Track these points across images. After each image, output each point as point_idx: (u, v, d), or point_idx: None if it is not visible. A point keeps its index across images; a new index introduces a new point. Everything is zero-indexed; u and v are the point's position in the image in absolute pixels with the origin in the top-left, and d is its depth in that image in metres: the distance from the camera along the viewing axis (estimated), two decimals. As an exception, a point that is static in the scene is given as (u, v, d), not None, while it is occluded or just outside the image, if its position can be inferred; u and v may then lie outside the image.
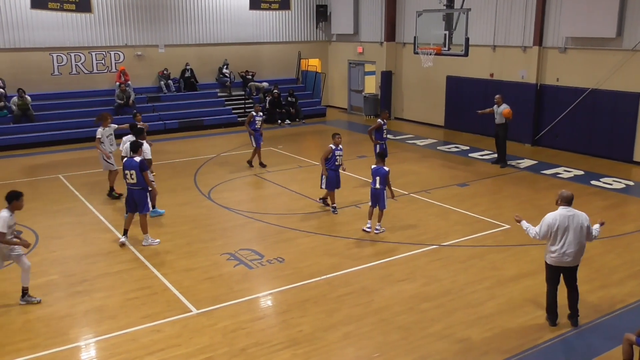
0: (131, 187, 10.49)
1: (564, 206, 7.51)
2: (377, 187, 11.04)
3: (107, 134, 13.44)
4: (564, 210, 7.46)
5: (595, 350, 7.13)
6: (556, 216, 7.40)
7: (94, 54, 21.77)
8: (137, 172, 10.33)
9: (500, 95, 16.16)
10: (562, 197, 7.58)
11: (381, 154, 11.70)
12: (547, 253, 7.58)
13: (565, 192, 7.63)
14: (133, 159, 10.47)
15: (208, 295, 8.63)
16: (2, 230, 7.83)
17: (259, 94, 24.49)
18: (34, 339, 7.46)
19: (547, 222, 7.39)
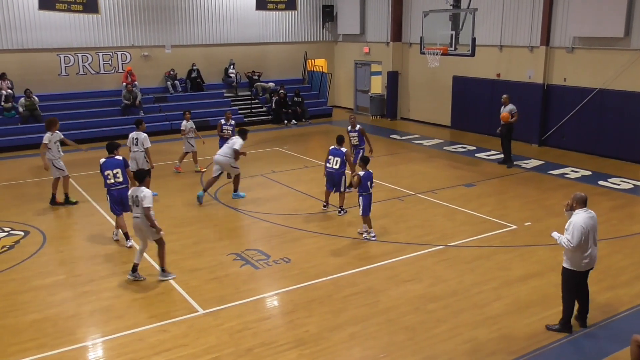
0: (116, 188, 10.43)
1: (582, 208, 7.36)
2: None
3: (55, 140, 12.78)
4: (586, 213, 7.33)
5: (603, 352, 7.10)
6: (585, 220, 7.22)
7: (101, 54, 21.86)
8: (122, 170, 10.45)
9: (507, 96, 16.16)
10: (579, 199, 7.40)
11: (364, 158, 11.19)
12: (575, 260, 7.33)
13: (579, 194, 7.46)
14: (114, 158, 10.54)
15: (214, 295, 8.64)
16: (149, 204, 8.66)
17: (265, 94, 24.52)
18: (42, 338, 7.49)
19: (578, 229, 7.15)
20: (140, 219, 8.89)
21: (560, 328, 7.53)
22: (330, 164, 11.98)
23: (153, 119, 21.75)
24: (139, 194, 8.78)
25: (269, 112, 24.04)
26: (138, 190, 8.84)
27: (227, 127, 15.52)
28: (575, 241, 7.14)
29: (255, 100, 24.32)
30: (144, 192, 8.74)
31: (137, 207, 8.84)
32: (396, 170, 15.98)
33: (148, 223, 8.80)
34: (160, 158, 17.70)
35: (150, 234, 8.95)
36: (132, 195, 8.94)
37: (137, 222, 8.97)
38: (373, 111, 24.99)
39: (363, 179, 10.56)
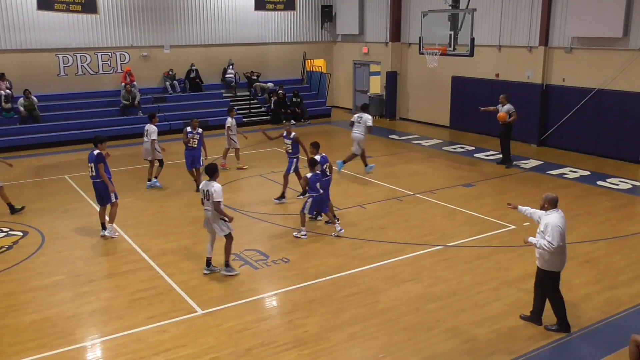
0: (93, 180, 10.98)
1: (554, 209, 7.34)
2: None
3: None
4: (558, 213, 7.32)
5: (602, 352, 7.10)
6: (560, 220, 7.23)
7: (99, 54, 21.85)
8: (95, 165, 10.76)
9: (504, 95, 16.17)
10: (551, 200, 7.38)
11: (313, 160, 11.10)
12: (556, 261, 7.32)
13: (550, 194, 7.44)
14: (92, 152, 10.87)
15: (214, 295, 8.64)
16: (220, 199, 8.84)
17: (264, 95, 24.52)
18: (41, 339, 7.49)
19: (557, 229, 7.11)
20: (210, 212, 9.03)
21: (559, 328, 7.54)
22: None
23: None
24: (210, 188, 8.92)
25: (267, 113, 24.03)
26: (209, 185, 8.96)
27: (194, 134, 13.89)
28: (556, 242, 7.09)
29: (254, 101, 24.31)
30: (215, 186, 8.89)
31: (208, 201, 8.97)
32: (395, 171, 15.99)
33: (218, 216, 8.97)
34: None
35: (218, 229, 9.08)
36: (203, 190, 9.06)
37: (207, 215, 9.13)
38: (372, 111, 24.94)
39: (310, 181, 10.84)
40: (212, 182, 8.98)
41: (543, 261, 7.36)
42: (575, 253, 10.12)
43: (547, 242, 7.11)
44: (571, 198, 13.34)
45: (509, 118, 15.82)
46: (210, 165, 9.12)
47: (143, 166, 16.93)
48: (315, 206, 11.08)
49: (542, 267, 7.39)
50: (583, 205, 12.84)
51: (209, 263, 9.33)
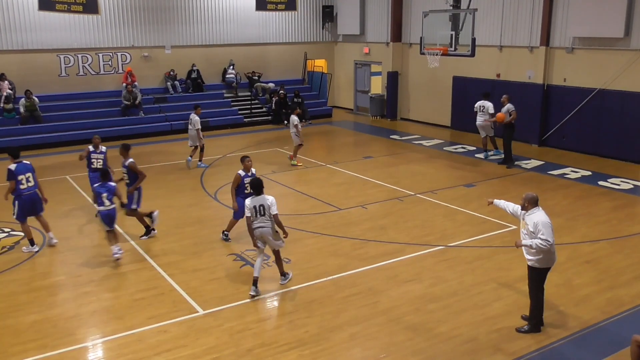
0: (28, 192, 10.32)
1: (535, 207, 7.26)
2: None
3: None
4: (541, 210, 7.26)
5: (603, 352, 7.09)
6: (546, 217, 7.19)
7: (101, 55, 21.86)
8: (33, 174, 10.37)
9: (506, 96, 16.17)
10: (531, 199, 7.28)
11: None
12: (547, 258, 7.27)
13: (530, 194, 7.34)
14: (23, 162, 10.37)
15: (214, 295, 8.64)
16: (277, 211, 8.55)
17: (265, 95, 24.53)
18: (42, 339, 7.50)
19: (548, 226, 7.08)
20: (267, 228, 8.54)
21: (532, 328, 7.50)
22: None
23: (153, 119, 21.78)
24: (265, 202, 8.49)
25: (268, 113, 24.04)
26: (263, 199, 8.52)
27: (97, 155, 12.27)
28: (551, 238, 7.07)
29: (255, 101, 24.32)
30: (270, 199, 8.54)
31: (263, 216, 8.49)
32: (396, 171, 15.98)
33: (275, 231, 8.61)
34: (160, 158, 17.74)
35: (274, 243, 8.70)
36: (254, 206, 8.49)
37: (262, 232, 8.55)
38: (373, 111, 25.00)
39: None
40: (264, 196, 8.55)
41: (536, 259, 7.29)
42: (576, 253, 10.13)
43: (542, 241, 7.03)
44: (572, 198, 13.33)
45: (508, 117, 15.82)
46: (256, 180, 8.73)
47: (143, 166, 16.95)
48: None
49: (535, 265, 7.33)
50: (584, 205, 12.83)
51: (255, 283, 8.63)
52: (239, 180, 10.39)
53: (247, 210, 8.54)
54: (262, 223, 8.53)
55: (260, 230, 8.55)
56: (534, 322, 7.53)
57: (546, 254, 7.22)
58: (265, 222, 8.53)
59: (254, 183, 8.70)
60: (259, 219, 8.53)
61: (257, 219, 8.54)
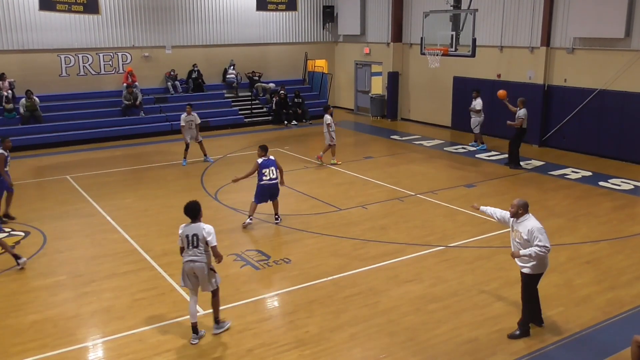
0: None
1: (527, 213, 7.14)
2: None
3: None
4: (533, 216, 7.15)
5: (603, 352, 7.08)
6: (539, 222, 7.08)
7: (101, 55, 21.86)
8: None
9: (522, 99, 15.84)
10: (524, 205, 7.15)
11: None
12: (541, 263, 7.14)
13: (521, 200, 7.19)
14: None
15: (215, 295, 8.63)
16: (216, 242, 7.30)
17: (266, 95, 24.53)
18: (43, 339, 7.50)
19: (543, 231, 6.96)
20: (199, 263, 7.20)
21: (523, 333, 7.35)
22: (267, 176, 11.34)
23: (153, 119, 21.78)
24: (200, 232, 7.17)
25: (269, 113, 24.04)
26: (198, 228, 7.20)
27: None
28: (548, 243, 6.92)
29: (255, 101, 24.32)
30: (207, 228, 7.22)
31: (196, 248, 7.20)
32: (397, 171, 15.98)
33: (210, 268, 7.35)
34: (160, 158, 17.75)
35: (208, 282, 7.35)
36: (186, 235, 7.24)
37: (193, 267, 7.23)
38: (373, 112, 24.99)
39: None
40: (200, 225, 7.24)
41: (530, 265, 7.11)
42: (576, 253, 10.13)
43: (540, 247, 6.85)
44: (573, 199, 13.33)
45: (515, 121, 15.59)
46: (190, 205, 7.31)
47: (144, 166, 16.99)
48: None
49: (529, 272, 7.14)
50: (584, 205, 12.83)
51: (196, 329, 7.41)
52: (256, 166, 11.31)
53: (179, 238, 7.33)
54: (193, 256, 7.20)
55: (191, 265, 7.22)
56: (524, 329, 7.36)
57: (540, 260, 7.09)
58: (197, 255, 7.19)
59: (188, 207, 7.30)
60: (191, 252, 7.21)
61: (189, 251, 7.23)
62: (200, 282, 7.31)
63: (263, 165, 11.37)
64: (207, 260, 7.28)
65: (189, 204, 7.32)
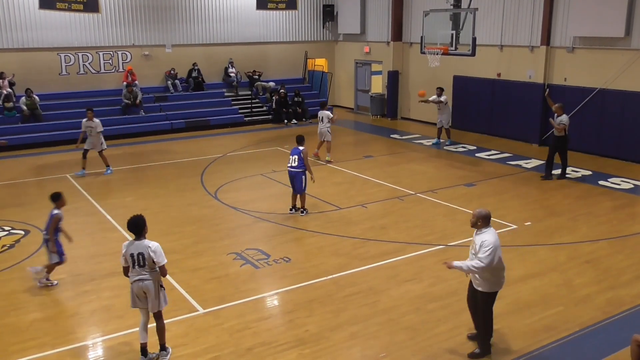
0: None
1: (486, 226, 6.72)
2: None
3: None
4: (492, 230, 6.76)
5: (603, 352, 7.09)
6: (496, 237, 6.68)
7: (101, 53, 21.85)
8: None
9: (560, 105, 14.63)
10: (485, 217, 6.70)
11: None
12: (496, 281, 6.78)
13: (484, 211, 6.75)
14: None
15: (214, 294, 8.64)
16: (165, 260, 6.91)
17: (266, 94, 24.52)
18: (42, 337, 7.50)
19: (493, 248, 6.55)
20: (148, 281, 6.81)
21: (483, 352, 6.99)
22: (289, 163, 12.11)
23: (153, 118, 21.78)
24: (146, 250, 6.74)
25: (269, 112, 24.04)
26: (143, 246, 6.76)
27: None
28: (487, 261, 6.50)
29: (255, 100, 24.32)
30: (153, 245, 6.76)
31: (143, 267, 6.79)
32: (396, 170, 15.98)
33: (160, 285, 6.99)
34: (160, 157, 17.75)
35: (156, 302, 6.94)
36: (131, 254, 6.77)
37: (142, 286, 6.83)
38: (373, 111, 24.99)
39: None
40: (144, 242, 6.77)
41: (483, 282, 6.76)
42: (576, 253, 10.13)
43: (475, 264, 6.52)
44: (573, 198, 13.33)
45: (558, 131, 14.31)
46: (134, 219, 6.81)
47: (144, 165, 16.99)
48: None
49: (483, 290, 6.78)
50: (584, 205, 12.83)
51: (146, 352, 7.02)
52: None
53: (122, 257, 6.84)
54: (141, 276, 6.78)
55: (140, 285, 6.80)
56: (485, 347, 7.00)
57: (495, 275, 6.72)
58: (145, 274, 6.79)
59: (132, 222, 6.79)
60: (137, 271, 6.80)
61: (134, 270, 6.81)
62: (150, 300, 6.88)
63: (291, 152, 12.19)
64: (156, 277, 6.88)
65: (132, 218, 6.82)
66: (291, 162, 12.04)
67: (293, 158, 12.03)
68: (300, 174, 11.95)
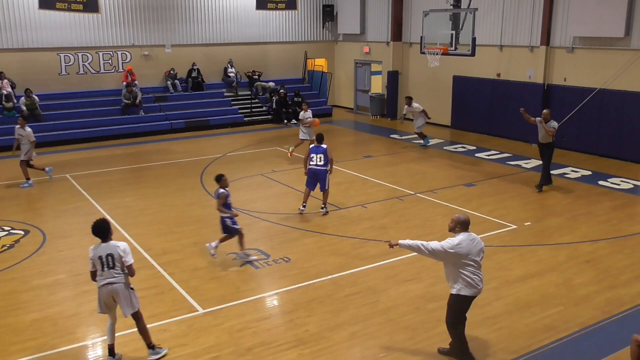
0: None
1: (464, 232, 6.61)
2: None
3: None
4: (467, 235, 6.60)
5: (603, 352, 7.09)
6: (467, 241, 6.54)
7: (101, 53, 21.85)
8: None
9: (548, 111, 13.88)
10: (463, 222, 6.60)
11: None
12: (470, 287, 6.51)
13: (462, 216, 6.66)
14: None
15: (214, 294, 8.64)
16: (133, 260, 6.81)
17: (266, 94, 24.53)
18: (42, 337, 7.50)
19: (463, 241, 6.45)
20: (119, 284, 6.66)
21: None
22: (313, 162, 12.11)
23: (153, 118, 21.79)
24: (115, 251, 6.61)
25: (269, 112, 24.05)
26: (112, 247, 6.63)
27: None
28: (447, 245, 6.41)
29: (255, 100, 24.32)
30: (121, 245, 6.68)
31: (113, 269, 6.63)
32: (396, 170, 15.98)
33: (130, 287, 6.83)
34: (160, 157, 17.75)
35: (129, 304, 6.77)
36: (99, 256, 6.62)
37: (112, 289, 6.65)
38: (373, 111, 24.99)
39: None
40: (113, 243, 6.68)
41: (448, 277, 6.63)
42: (576, 253, 10.13)
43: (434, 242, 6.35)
44: (572, 198, 13.33)
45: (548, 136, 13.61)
46: (99, 223, 6.72)
47: (143, 165, 16.99)
48: None
49: (450, 290, 6.58)
50: (584, 205, 12.83)
51: (113, 352, 6.94)
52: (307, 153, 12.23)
53: (90, 261, 6.69)
54: (111, 278, 6.63)
55: (109, 288, 6.64)
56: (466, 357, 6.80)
57: (456, 274, 6.52)
58: (115, 276, 6.64)
59: (97, 228, 6.69)
60: (107, 273, 6.63)
61: (104, 273, 6.64)
62: (121, 305, 6.71)
63: (312, 151, 12.18)
64: (126, 280, 6.75)
65: (97, 223, 6.70)
66: (316, 161, 12.02)
67: (318, 156, 12.02)
68: (325, 172, 12.09)
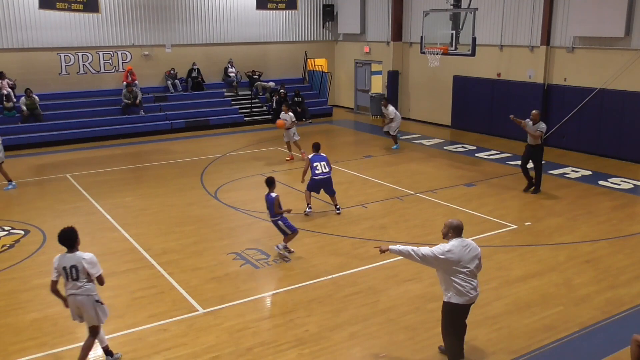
0: None
1: (456, 237, 6.46)
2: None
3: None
4: (459, 241, 6.43)
5: (603, 352, 7.08)
6: (459, 247, 6.38)
7: (101, 53, 21.85)
8: None
9: (537, 112, 13.29)
10: (456, 227, 6.47)
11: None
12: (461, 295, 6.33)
13: (455, 221, 6.51)
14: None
15: (214, 294, 8.64)
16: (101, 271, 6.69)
17: (266, 94, 24.53)
18: (42, 337, 7.50)
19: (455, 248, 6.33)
20: (82, 297, 6.50)
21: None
22: (319, 170, 12.09)
23: (153, 118, 21.79)
24: (80, 263, 6.46)
25: (269, 112, 24.04)
26: (76, 258, 6.48)
27: None
28: (437, 251, 6.30)
29: (255, 100, 24.32)
30: (87, 257, 6.51)
31: (76, 281, 6.48)
32: (396, 170, 15.98)
33: (96, 300, 6.61)
34: (160, 157, 17.75)
35: (93, 316, 6.58)
36: (63, 267, 6.48)
37: (76, 301, 6.54)
38: (373, 111, 24.97)
39: None
40: (77, 254, 6.52)
41: (441, 283, 6.52)
42: (576, 253, 10.13)
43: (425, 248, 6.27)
44: (572, 198, 13.33)
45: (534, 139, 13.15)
46: (64, 233, 6.57)
47: (143, 165, 16.99)
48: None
49: (444, 298, 6.46)
50: (584, 205, 12.83)
51: (110, 352, 6.96)
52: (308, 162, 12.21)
53: (54, 271, 6.55)
54: (74, 290, 6.48)
55: (74, 300, 6.52)
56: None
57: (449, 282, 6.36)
58: (79, 288, 6.47)
59: (63, 235, 6.54)
60: (71, 284, 6.50)
61: (68, 284, 6.52)
62: (85, 315, 6.57)
63: (314, 160, 12.18)
64: (92, 291, 6.55)
65: (63, 231, 6.55)
66: (322, 169, 12.08)
67: (322, 164, 12.10)
68: (331, 177, 12.26)
